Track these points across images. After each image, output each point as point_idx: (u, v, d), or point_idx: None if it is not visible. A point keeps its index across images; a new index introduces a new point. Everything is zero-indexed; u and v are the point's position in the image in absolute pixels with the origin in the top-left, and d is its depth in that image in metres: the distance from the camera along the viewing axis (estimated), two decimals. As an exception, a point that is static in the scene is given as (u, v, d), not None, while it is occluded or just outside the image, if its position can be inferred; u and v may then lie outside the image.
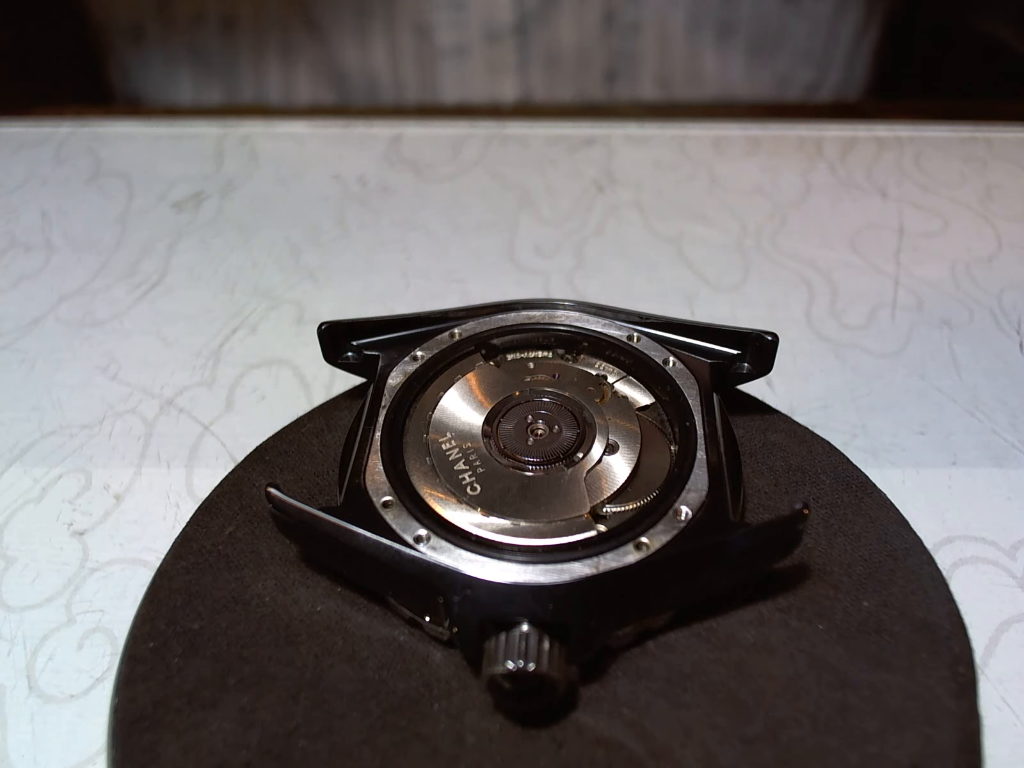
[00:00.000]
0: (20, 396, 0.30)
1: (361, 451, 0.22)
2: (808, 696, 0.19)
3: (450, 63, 0.58)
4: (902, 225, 0.38)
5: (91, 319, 0.34)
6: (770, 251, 0.37)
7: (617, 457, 0.22)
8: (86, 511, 0.26)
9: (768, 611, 0.21)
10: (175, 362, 0.32)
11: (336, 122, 0.47)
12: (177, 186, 0.42)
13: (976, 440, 0.28)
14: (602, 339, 0.25)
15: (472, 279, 0.36)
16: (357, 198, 0.41)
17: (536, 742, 0.19)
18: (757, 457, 0.25)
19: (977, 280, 0.35)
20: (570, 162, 0.43)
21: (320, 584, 0.22)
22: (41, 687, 0.22)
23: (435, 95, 0.59)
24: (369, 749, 0.19)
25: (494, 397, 0.24)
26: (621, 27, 0.57)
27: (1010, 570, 0.24)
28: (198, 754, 0.19)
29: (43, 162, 0.44)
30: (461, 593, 0.19)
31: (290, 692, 0.20)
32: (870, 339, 0.32)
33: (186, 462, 0.28)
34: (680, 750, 0.18)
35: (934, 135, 0.44)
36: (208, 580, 0.22)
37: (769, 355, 0.24)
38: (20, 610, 0.24)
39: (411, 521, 0.20)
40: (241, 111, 0.49)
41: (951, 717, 0.19)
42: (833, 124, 0.45)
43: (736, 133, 0.45)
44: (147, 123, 0.47)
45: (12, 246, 0.38)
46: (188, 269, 0.37)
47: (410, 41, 0.57)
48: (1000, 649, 0.22)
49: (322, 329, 0.25)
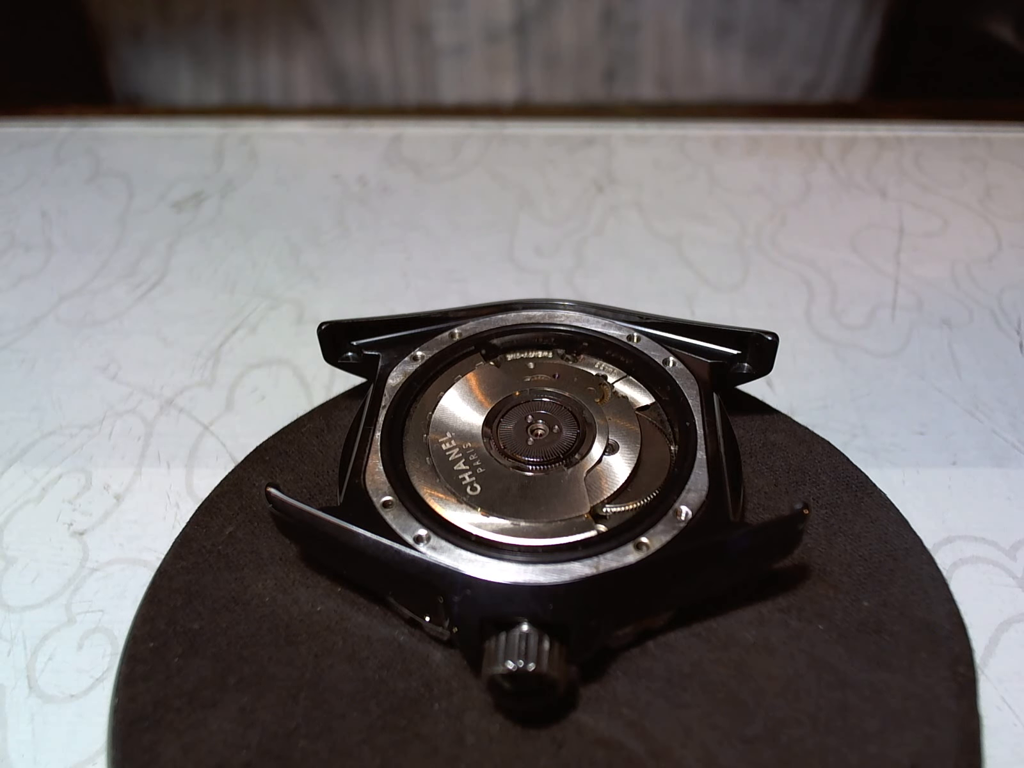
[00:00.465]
0: (20, 396, 0.30)
1: (361, 451, 0.22)
2: (808, 696, 0.19)
3: (449, 62, 0.58)
4: (902, 225, 0.38)
5: (91, 319, 0.34)
6: (770, 251, 0.37)
7: (617, 457, 0.22)
8: (86, 511, 0.26)
9: (768, 611, 0.21)
10: (175, 362, 0.32)
11: (336, 122, 0.47)
12: (177, 186, 0.42)
13: (976, 440, 0.28)
14: (602, 339, 0.25)
15: (472, 279, 0.36)
16: (357, 198, 0.41)
17: (536, 742, 0.19)
18: (757, 457, 0.25)
19: (977, 280, 0.35)
20: (570, 162, 0.43)
21: (320, 584, 0.22)
22: (41, 687, 0.22)
23: (434, 94, 0.59)
24: (369, 749, 0.19)
25: (494, 397, 0.24)
26: (620, 26, 0.57)
27: (1010, 570, 0.24)
28: (198, 754, 0.19)
29: (43, 162, 0.44)
30: (461, 593, 0.19)
31: (290, 692, 0.20)
32: (870, 339, 0.32)
33: (186, 462, 0.28)
34: (680, 750, 0.18)
35: (934, 135, 0.44)
36: (208, 580, 0.22)
37: (769, 355, 0.24)
38: (20, 610, 0.24)
39: (411, 521, 0.20)
40: (241, 111, 0.49)
41: (951, 717, 0.19)
42: (833, 124, 0.45)
43: (736, 133, 0.45)
44: (147, 123, 0.47)
45: (12, 246, 0.38)
46: (188, 269, 0.37)
47: (409, 40, 0.57)
48: (1000, 649, 0.22)
49: (322, 329, 0.25)
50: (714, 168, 0.42)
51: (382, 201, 0.41)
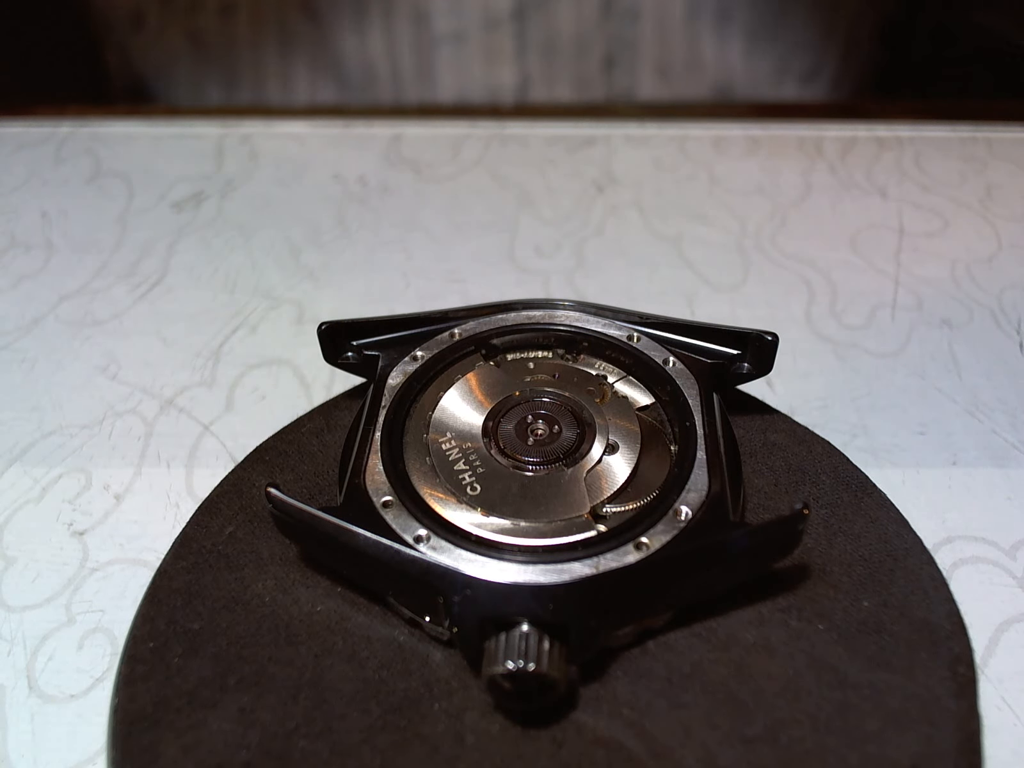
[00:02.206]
0: (20, 396, 0.30)
1: (361, 451, 0.22)
2: (808, 696, 0.19)
3: (448, 50, 0.58)
4: (902, 225, 0.38)
5: (91, 319, 0.34)
6: (770, 251, 0.37)
7: (617, 457, 0.22)
8: (86, 511, 0.26)
9: (768, 611, 0.21)
10: (175, 362, 0.32)
11: (336, 122, 0.47)
12: (177, 186, 0.42)
13: (976, 440, 0.28)
14: (602, 339, 0.25)
15: (472, 279, 0.36)
16: (357, 198, 0.41)
17: (536, 742, 0.19)
18: (757, 457, 0.25)
19: (977, 280, 0.35)
20: (570, 162, 0.43)
21: (320, 584, 0.22)
22: (41, 687, 0.22)
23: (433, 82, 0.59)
24: (369, 749, 0.19)
25: (494, 397, 0.24)
26: (619, 13, 0.57)
27: (1010, 570, 0.24)
28: (198, 754, 0.19)
29: (43, 162, 0.44)
30: (461, 593, 0.19)
31: (290, 692, 0.20)
32: (870, 339, 0.32)
33: (186, 462, 0.28)
34: (680, 750, 0.18)
35: (934, 135, 0.44)
36: (208, 580, 0.22)
37: (769, 355, 0.24)
38: (20, 610, 0.24)
39: (411, 521, 0.20)
40: (241, 111, 0.49)
41: (951, 717, 0.19)
42: (833, 124, 0.45)
43: (736, 133, 0.45)
44: (147, 123, 0.47)
45: (12, 246, 0.38)
46: (188, 269, 0.37)
47: (408, 28, 0.58)
48: (1000, 649, 0.22)
49: (322, 329, 0.25)
50: (714, 168, 0.42)
51: (382, 201, 0.41)
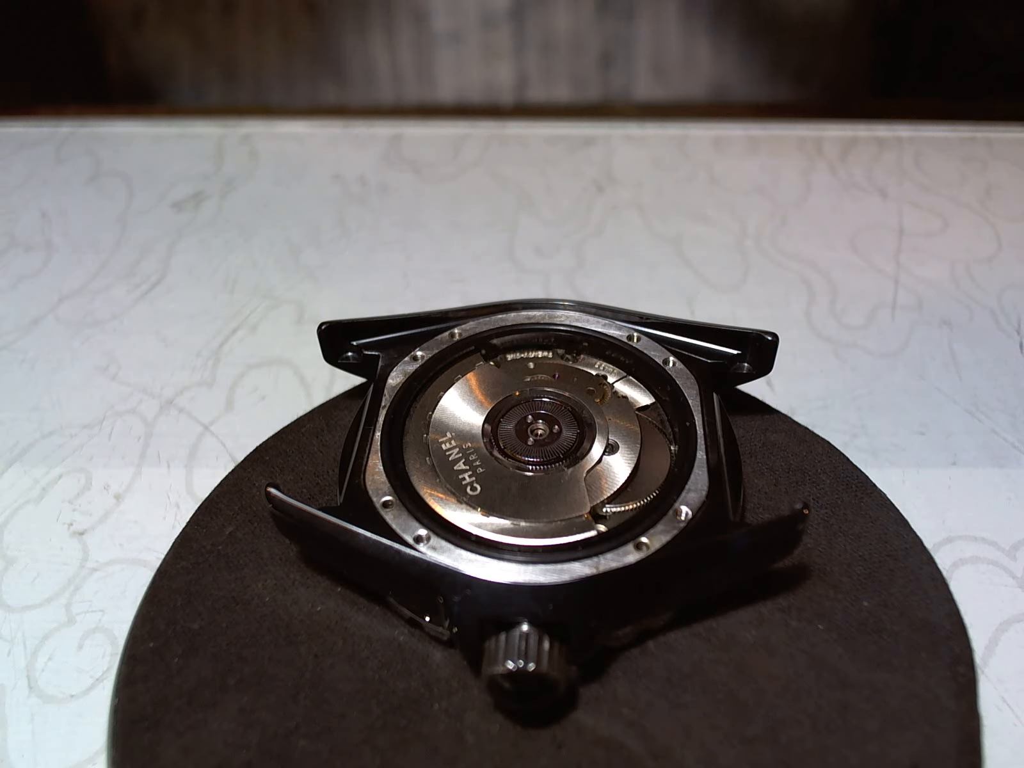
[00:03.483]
0: (20, 396, 0.30)
1: (361, 451, 0.22)
2: (808, 696, 0.19)
3: (446, 48, 0.59)
4: (902, 225, 0.38)
5: (91, 319, 0.34)
6: (770, 251, 0.37)
7: (617, 457, 0.22)
8: (86, 511, 0.26)
9: (768, 611, 0.21)
10: (175, 362, 0.32)
11: (336, 122, 0.47)
12: (177, 186, 0.42)
13: (976, 440, 0.28)
14: (602, 339, 0.25)
15: (472, 279, 0.36)
16: (357, 198, 0.41)
17: (536, 742, 0.19)
18: (757, 457, 0.25)
19: (977, 280, 0.35)
20: (570, 162, 0.43)
21: (320, 584, 0.22)
22: (41, 687, 0.22)
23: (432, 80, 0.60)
24: (369, 749, 0.19)
25: (494, 397, 0.24)
26: (615, 11, 0.58)
27: (1010, 570, 0.24)
28: (198, 754, 0.19)
29: (43, 162, 0.44)
30: (461, 593, 0.19)
31: (290, 692, 0.20)
32: (870, 339, 0.32)
33: (186, 462, 0.28)
34: (680, 750, 0.18)
35: (934, 135, 0.44)
36: (208, 580, 0.22)
37: (769, 355, 0.24)
38: (20, 610, 0.24)
39: (411, 521, 0.20)
40: (241, 111, 0.49)
41: (951, 717, 0.19)
42: (833, 124, 0.45)
43: (736, 133, 0.45)
44: (147, 123, 0.47)
45: (12, 246, 0.38)
46: (188, 269, 0.37)
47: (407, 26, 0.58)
48: (1000, 649, 0.22)
49: (322, 329, 0.25)
50: (714, 168, 0.42)
51: (382, 201, 0.41)
